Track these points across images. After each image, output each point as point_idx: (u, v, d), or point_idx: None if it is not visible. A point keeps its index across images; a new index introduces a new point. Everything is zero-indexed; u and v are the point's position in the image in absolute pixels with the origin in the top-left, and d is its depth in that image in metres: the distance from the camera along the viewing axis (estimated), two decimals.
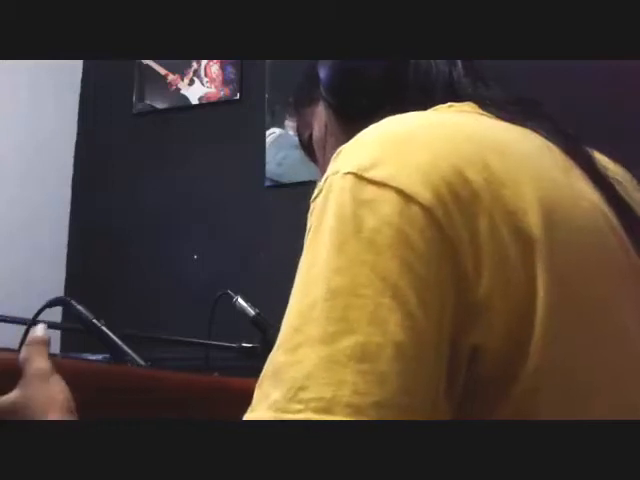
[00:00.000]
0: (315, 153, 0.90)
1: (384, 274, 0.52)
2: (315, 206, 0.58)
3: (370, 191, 0.55)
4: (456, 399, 0.54)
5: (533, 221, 0.56)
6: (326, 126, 0.85)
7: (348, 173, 0.56)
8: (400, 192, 0.54)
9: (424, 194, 0.54)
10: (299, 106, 0.91)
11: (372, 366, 0.50)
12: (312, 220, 0.58)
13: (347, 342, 0.51)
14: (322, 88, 0.83)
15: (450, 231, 0.54)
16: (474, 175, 0.56)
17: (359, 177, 0.56)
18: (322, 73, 0.83)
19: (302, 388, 0.50)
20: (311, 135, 0.89)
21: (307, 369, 0.51)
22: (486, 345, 0.54)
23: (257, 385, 0.54)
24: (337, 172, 0.57)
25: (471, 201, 0.55)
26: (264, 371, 0.54)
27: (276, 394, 0.51)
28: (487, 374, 0.54)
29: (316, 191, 0.59)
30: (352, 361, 0.50)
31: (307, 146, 0.91)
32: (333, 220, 0.55)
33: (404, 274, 0.52)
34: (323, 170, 0.85)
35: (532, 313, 0.54)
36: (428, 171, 0.56)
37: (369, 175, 0.56)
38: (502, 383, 0.54)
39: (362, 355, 0.50)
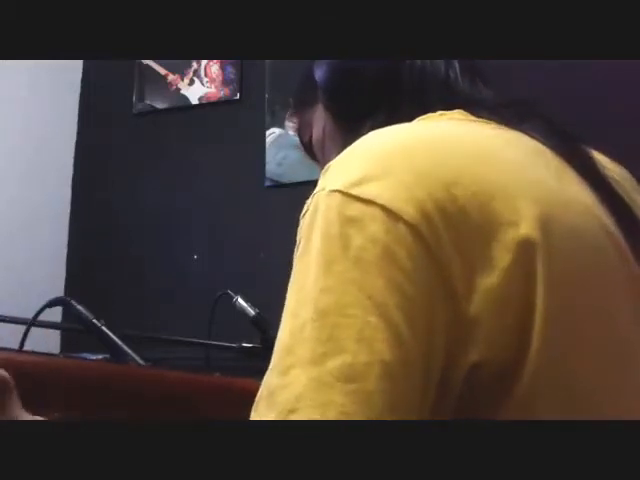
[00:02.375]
0: (316, 154, 0.89)
1: (371, 292, 0.52)
2: (303, 223, 0.58)
3: (356, 208, 0.55)
4: (448, 412, 0.54)
5: (527, 232, 0.55)
6: (324, 128, 0.85)
7: (334, 191, 0.56)
8: (386, 209, 0.54)
9: (410, 211, 0.54)
10: (298, 108, 0.91)
11: (359, 386, 0.50)
12: (300, 237, 0.58)
13: (335, 362, 0.51)
14: (319, 90, 0.83)
15: (437, 248, 0.54)
16: (462, 189, 0.56)
17: (345, 194, 0.55)
18: (318, 76, 0.83)
19: (292, 411, 0.50)
20: (311, 137, 0.89)
21: (297, 391, 0.51)
22: (485, 360, 0.53)
23: (253, 407, 0.54)
24: (324, 189, 0.57)
25: (459, 216, 0.55)
26: (259, 393, 0.54)
27: (270, 417, 0.52)
28: (484, 386, 0.54)
29: (305, 207, 0.59)
30: (340, 382, 0.50)
31: (308, 147, 0.91)
32: (320, 239, 0.55)
33: (391, 292, 0.52)
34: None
35: (530, 324, 0.54)
36: (414, 187, 0.55)
37: (355, 192, 0.55)
38: (499, 393, 0.54)
39: (349, 375, 0.50)
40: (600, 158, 0.71)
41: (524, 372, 0.53)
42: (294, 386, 0.51)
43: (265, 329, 1.26)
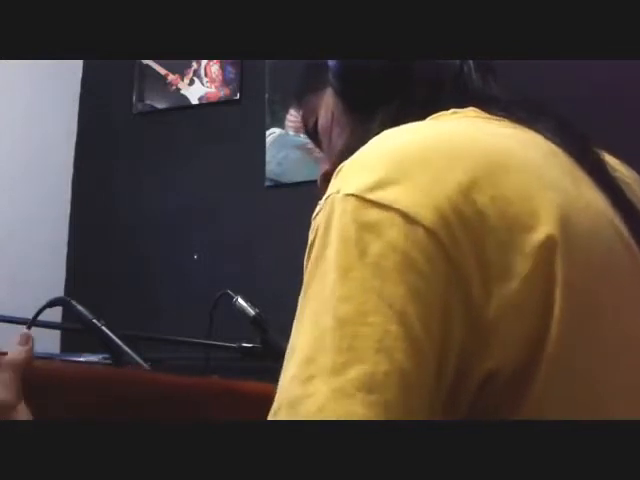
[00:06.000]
0: (320, 140, 0.87)
1: (391, 301, 0.52)
2: (317, 226, 0.57)
3: (373, 214, 0.54)
4: (460, 417, 0.54)
5: (547, 234, 0.55)
6: (332, 114, 0.82)
7: (349, 195, 0.55)
8: (404, 215, 0.53)
9: (428, 216, 0.53)
10: (304, 92, 0.88)
11: (380, 397, 0.50)
12: (314, 241, 0.57)
13: (355, 372, 0.50)
14: (330, 74, 0.81)
15: (455, 253, 0.53)
16: (479, 193, 0.55)
17: (361, 199, 0.55)
18: (331, 60, 0.81)
19: None
20: (316, 122, 0.86)
21: (319, 402, 0.50)
22: (500, 366, 0.53)
23: (273, 413, 0.53)
24: (338, 192, 0.56)
25: (477, 220, 0.54)
26: (279, 400, 0.53)
27: None
28: (498, 391, 0.53)
29: (317, 208, 0.58)
30: (361, 392, 0.50)
31: (312, 133, 0.88)
32: (337, 244, 0.54)
33: (411, 300, 0.52)
34: (328, 157, 0.83)
35: (546, 329, 0.53)
36: (431, 191, 0.55)
37: (372, 197, 0.55)
38: (512, 398, 0.54)
39: (370, 385, 0.50)
40: (610, 160, 0.71)
41: (538, 376, 0.53)
42: (316, 397, 0.51)
43: (265, 329, 1.26)
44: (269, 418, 0.53)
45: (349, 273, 0.53)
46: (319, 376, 0.51)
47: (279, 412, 0.53)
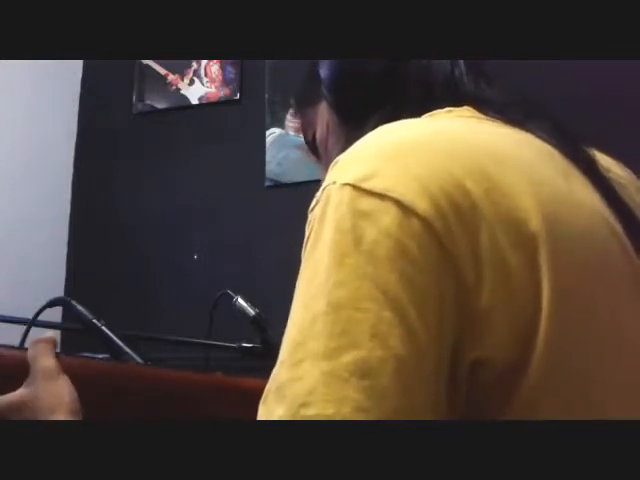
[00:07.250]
0: (319, 151, 0.88)
1: (385, 287, 0.52)
2: (313, 217, 0.58)
3: (368, 202, 0.55)
4: (459, 409, 0.54)
5: (535, 230, 0.56)
6: (328, 125, 0.84)
7: (345, 184, 0.56)
8: (399, 203, 0.54)
9: (423, 206, 0.54)
10: (302, 105, 0.90)
11: (374, 382, 0.50)
12: (310, 231, 0.57)
13: (349, 357, 0.50)
14: (323, 87, 0.83)
15: (449, 243, 0.54)
16: (474, 185, 0.56)
17: (357, 188, 0.55)
18: (323, 72, 0.82)
19: (304, 405, 0.50)
20: (315, 134, 0.88)
21: (309, 385, 0.50)
22: (490, 357, 0.53)
23: (261, 401, 0.54)
24: (334, 183, 0.57)
25: (471, 212, 0.55)
26: (268, 386, 0.54)
27: (280, 410, 0.51)
28: (490, 384, 0.54)
29: (313, 202, 0.59)
30: (354, 377, 0.50)
31: (311, 145, 0.90)
32: (332, 232, 0.55)
33: (404, 287, 0.52)
34: (326, 167, 0.84)
35: (536, 322, 0.54)
36: (427, 182, 0.55)
37: (367, 186, 0.55)
38: (505, 392, 0.54)
39: (364, 370, 0.50)
40: (604, 160, 0.71)
41: (529, 371, 0.53)
42: (306, 380, 0.51)
43: (265, 329, 1.26)
44: (260, 405, 0.53)
45: (343, 259, 0.53)
46: (309, 360, 0.51)
47: (267, 398, 0.53)
